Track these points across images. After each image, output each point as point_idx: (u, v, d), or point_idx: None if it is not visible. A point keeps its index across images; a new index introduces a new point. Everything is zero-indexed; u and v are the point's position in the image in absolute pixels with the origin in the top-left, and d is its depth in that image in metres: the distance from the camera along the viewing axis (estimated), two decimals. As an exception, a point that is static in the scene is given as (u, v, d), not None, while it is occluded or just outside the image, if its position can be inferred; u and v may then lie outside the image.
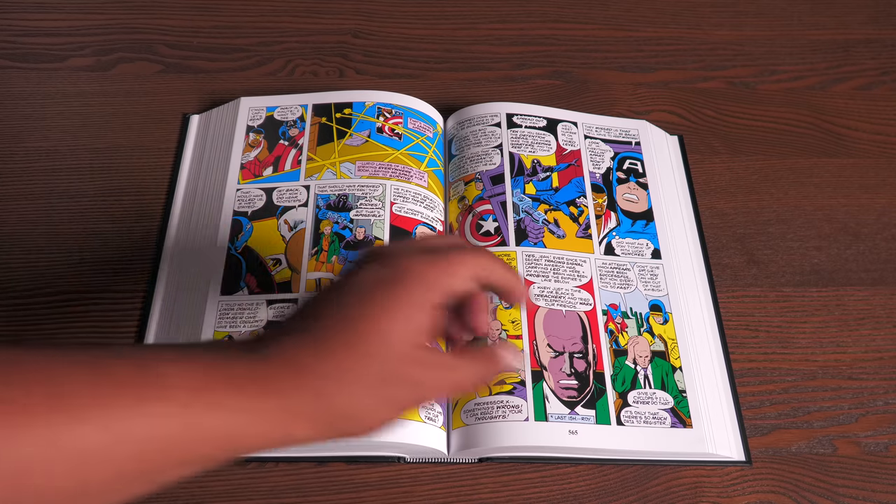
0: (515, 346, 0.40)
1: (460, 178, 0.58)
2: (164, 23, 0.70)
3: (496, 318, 0.50)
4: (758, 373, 0.53)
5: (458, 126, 0.61)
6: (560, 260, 0.54)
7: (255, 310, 0.51)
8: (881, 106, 0.69)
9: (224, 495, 0.47)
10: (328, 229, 0.54)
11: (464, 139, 0.59)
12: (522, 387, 0.48)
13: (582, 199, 0.57)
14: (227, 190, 0.56)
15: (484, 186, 0.57)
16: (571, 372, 0.49)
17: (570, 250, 0.55)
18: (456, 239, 0.36)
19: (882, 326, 0.56)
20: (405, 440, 0.46)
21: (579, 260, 0.54)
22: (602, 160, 0.60)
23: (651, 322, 0.52)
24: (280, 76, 0.67)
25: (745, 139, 0.66)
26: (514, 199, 0.56)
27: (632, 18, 0.74)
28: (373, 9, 0.73)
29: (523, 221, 0.56)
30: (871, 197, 0.63)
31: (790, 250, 0.59)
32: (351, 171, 0.56)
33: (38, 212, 0.57)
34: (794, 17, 0.76)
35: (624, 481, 0.49)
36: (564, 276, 0.53)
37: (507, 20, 0.73)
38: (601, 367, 0.50)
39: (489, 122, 0.60)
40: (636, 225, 0.57)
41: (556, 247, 0.55)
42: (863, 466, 0.50)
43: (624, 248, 0.56)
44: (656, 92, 0.69)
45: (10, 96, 0.64)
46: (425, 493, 0.48)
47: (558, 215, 0.56)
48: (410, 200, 0.55)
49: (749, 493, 0.49)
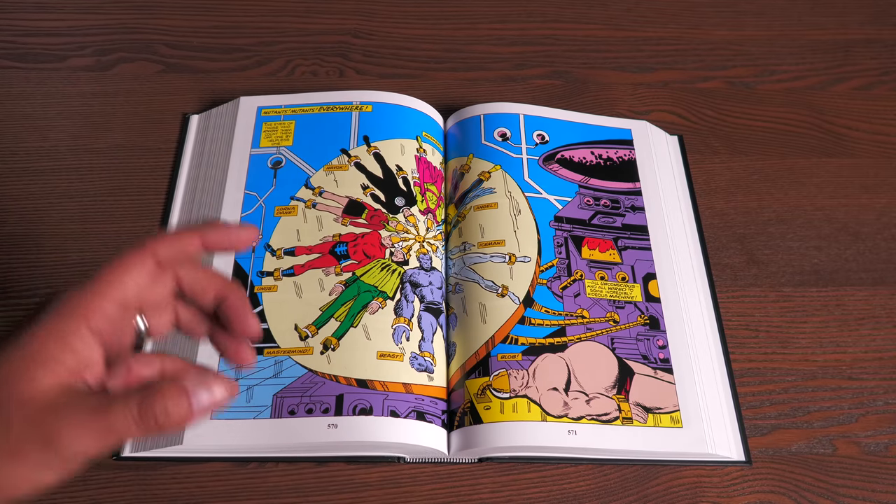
0: (217, 374, 0.30)
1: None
2: (164, 23, 0.70)
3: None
4: (758, 373, 0.53)
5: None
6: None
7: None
8: (881, 106, 0.69)
9: (224, 495, 0.47)
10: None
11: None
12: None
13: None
14: (227, 190, 0.56)
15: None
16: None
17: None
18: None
19: (882, 326, 0.56)
20: (405, 440, 0.46)
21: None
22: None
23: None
24: (280, 76, 0.67)
25: (745, 139, 0.66)
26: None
27: (632, 18, 0.74)
28: (373, 9, 0.73)
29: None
30: (871, 197, 0.63)
31: (790, 250, 0.59)
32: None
33: (38, 212, 0.57)
34: (794, 17, 0.76)
35: (624, 481, 0.49)
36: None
37: (507, 20, 0.73)
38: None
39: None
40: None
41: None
42: (863, 466, 0.50)
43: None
44: (656, 92, 0.69)
45: (10, 96, 0.64)
46: (425, 493, 0.48)
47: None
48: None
49: (749, 493, 0.49)
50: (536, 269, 0.54)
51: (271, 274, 0.53)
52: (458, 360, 0.51)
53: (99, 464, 0.47)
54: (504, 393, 0.48)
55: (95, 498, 0.46)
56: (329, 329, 0.50)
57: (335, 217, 0.55)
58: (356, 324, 0.50)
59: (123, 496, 0.46)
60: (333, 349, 0.49)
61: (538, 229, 0.56)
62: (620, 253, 0.56)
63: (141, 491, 0.47)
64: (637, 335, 0.52)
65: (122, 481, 0.47)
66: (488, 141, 0.60)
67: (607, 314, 0.53)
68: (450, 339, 0.52)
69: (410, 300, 0.52)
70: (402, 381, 0.48)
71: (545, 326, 0.51)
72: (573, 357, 0.50)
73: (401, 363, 0.49)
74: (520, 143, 0.60)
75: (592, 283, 0.54)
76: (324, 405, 0.47)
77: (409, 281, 0.53)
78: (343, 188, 0.56)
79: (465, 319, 0.52)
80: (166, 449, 0.46)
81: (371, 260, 0.53)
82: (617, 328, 0.52)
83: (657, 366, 0.51)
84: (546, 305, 0.52)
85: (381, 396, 0.47)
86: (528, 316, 0.52)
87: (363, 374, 0.48)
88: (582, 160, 0.60)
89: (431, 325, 0.52)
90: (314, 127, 0.60)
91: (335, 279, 0.52)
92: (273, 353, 0.49)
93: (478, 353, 0.50)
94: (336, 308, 0.51)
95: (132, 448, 0.47)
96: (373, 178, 0.57)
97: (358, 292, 0.52)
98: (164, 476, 0.47)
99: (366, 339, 0.50)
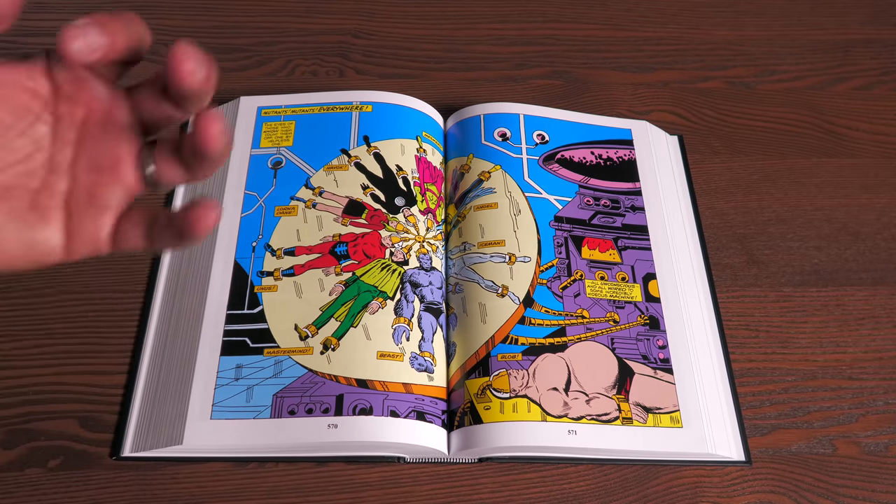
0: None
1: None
2: (164, 23, 0.70)
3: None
4: (758, 373, 0.53)
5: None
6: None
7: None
8: (881, 106, 0.69)
9: (224, 495, 0.47)
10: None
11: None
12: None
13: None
14: (227, 190, 0.56)
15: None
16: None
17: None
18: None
19: (882, 326, 0.56)
20: (405, 440, 0.46)
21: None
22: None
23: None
24: (280, 76, 0.67)
25: (745, 139, 0.66)
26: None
27: (632, 18, 0.74)
28: (373, 9, 0.73)
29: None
30: (871, 197, 0.63)
31: (790, 250, 0.59)
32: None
33: (38, 212, 0.57)
34: (794, 17, 0.76)
35: (624, 481, 0.49)
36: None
37: (507, 20, 0.73)
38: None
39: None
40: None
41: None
42: (863, 466, 0.50)
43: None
44: (656, 92, 0.69)
45: (10, 96, 0.63)
46: (425, 493, 0.48)
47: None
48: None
49: (749, 493, 0.49)
50: (536, 269, 0.54)
51: (271, 274, 0.53)
52: (458, 360, 0.51)
53: (99, 464, 0.47)
54: (504, 393, 0.48)
55: (95, 498, 0.46)
56: (329, 329, 0.50)
57: (335, 217, 0.55)
58: (356, 324, 0.50)
59: (123, 496, 0.46)
60: (333, 349, 0.49)
61: (538, 229, 0.56)
62: (620, 253, 0.56)
63: (141, 491, 0.47)
64: (637, 335, 0.52)
65: (122, 481, 0.47)
66: (488, 141, 0.60)
67: (607, 314, 0.53)
68: (450, 339, 0.52)
69: (410, 300, 0.52)
70: (402, 381, 0.48)
71: (545, 326, 0.51)
72: (573, 357, 0.50)
73: (401, 363, 0.49)
74: (520, 143, 0.60)
75: (592, 283, 0.54)
76: (324, 405, 0.47)
77: (409, 281, 0.53)
78: (343, 188, 0.56)
79: (465, 319, 0.52)
80: (166, 449, 0.46)
81: (371, 260, 0.53)
82: (617, 328, 0.52)
83: (657, 366, 0.51)
84: (546, 305, 0.52)
85: (381, 396, 0.47)
86: (528, 316, 0.52)
87: (363, 374, 0.48)
88: (582, 160, 0.60)
89: (431, 325, 0.52)
90: (314, 127, 0.60)
91: (335, 279, 0.52)
92: (273, 353, 0.49)
93: (478, 353, 0.50)
94: (336, 308, 0.51)
95: (132, 448, 0.47)
96: (373, 178, 0.57)
97: (358, 292, 0.52)
98: (164, 476, 0.47)
99: (366, 339, 0.50)
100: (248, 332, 0.50)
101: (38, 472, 0.47)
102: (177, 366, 0.49)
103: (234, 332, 0.50)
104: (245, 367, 0.49)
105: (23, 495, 0.46)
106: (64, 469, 0.47)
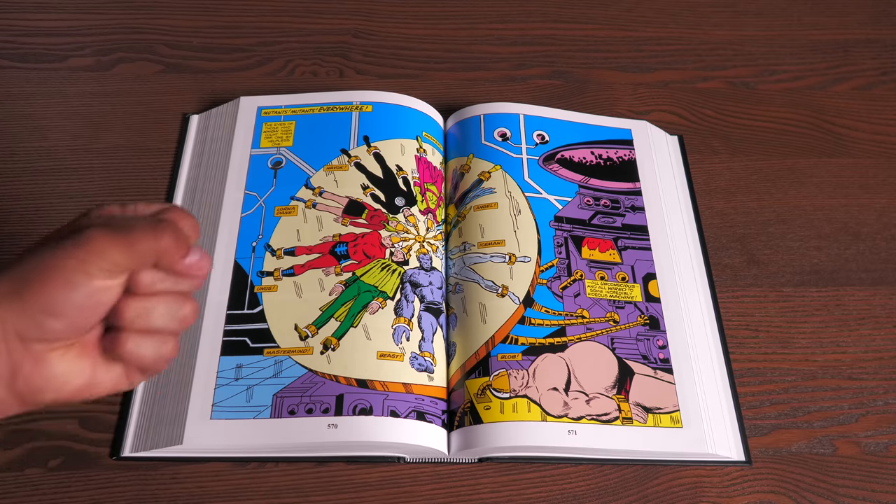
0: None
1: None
2: (164, 23, 0.70)
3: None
4: (758, 373, 0.53)
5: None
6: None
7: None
8: (881, 106, 0.69)
9: (224, 495, 0.47)
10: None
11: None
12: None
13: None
14: (227, 190, 0.56)
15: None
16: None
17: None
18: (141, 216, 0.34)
19: (882, 326, 0.56)
20: (405, 440, 0.46)
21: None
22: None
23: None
24: (280, 76, 0.67)
25: (745, 139, 0.66)
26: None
27: (632, 18, 0.74)
28: (373, 9, 0.73)
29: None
30: (871, 197, 0.63)
31: (790, 250, 0.60)
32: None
33: (38, 212, 0.57)
34: (794, 17, 0.76)
35: (624, 481, 0.49)
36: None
37: (507, 20, 0.73)
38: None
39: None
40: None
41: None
42: (863, 466, 0.50)
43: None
44: (656, 92, 0.69)
45: (10, 96, 0.64)
46: (425, 493, 0.48)
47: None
48: None
49: (749, 493, 0.49)
50: (536, 268, 0.54)
51: (271, 274, 0.53)
52: (458, 360, 0.51)
53: (99, 464, 0.47)
54: (504, 393, 0.48)
55: (95, 498, 0.46)
56: (329, 329, 0.50)
57: (335, 217, 0.55)
58: (356, 324, 0.50)
59: (123, 496, 0.46)
60: (333, 349, 0.49)
61: (538, 229, 0.56)
62: (620, 253, 0.56)
63: (141, 491, 0.47)
64: (637, 335, 0.52)
65: (122, 481, 0.47)
66: (488, 141, 0.60)
67: (607, 314, 0.53)
68: (450, 339, 0.52)
69: (410, 300, 0.52)
70: (402, 381, 0.48)
71: (545, 326, 0.51)
72: (573, 357, 0.50)
73: (401, 363, 0.49)
74: (520, 143, 0.60)
75: (592, 283, 0.54)
76: (324, 405, 0.47)
77: (409, 281, 0.53)
78: (343, 188, 0.56)
79: (465, 319, 0.52)
80: (166, 449, 0.46)
81: (371, 260, 0.53)
82: (617, 328, 0.52)
83: (657, 366, 0.51)
84: (546, 305, 0.52)
85: (381, 396, 0.47)
86: (528, 316, 0.52)
87: (363, 374, 0.48)
88: (582, 160, 0.60)
89: (431, 325, 0.52)
90: (314, 127, 0.60)
91: (335, 279, 0.52)
92: (273, 352, 0.49)
93: (478, 353, 0.50)
94: (336, 308, 0.51)
95: (132, 448, 0.47)
96: (373, 178, 0.57)
97: (358, 292, 0.52)
98: (164, 476, 0.47)
99: (366, 339, 0.50)
100: (248, 332, 0.50)
101: (38, 472, 0.47)
102: (177, 366, 0.49)
103: (234, 332, 0.50)
104: (245, 367, 0.49)
105: (23, 495, 0.46)
106: (64, 469, 0.47)
